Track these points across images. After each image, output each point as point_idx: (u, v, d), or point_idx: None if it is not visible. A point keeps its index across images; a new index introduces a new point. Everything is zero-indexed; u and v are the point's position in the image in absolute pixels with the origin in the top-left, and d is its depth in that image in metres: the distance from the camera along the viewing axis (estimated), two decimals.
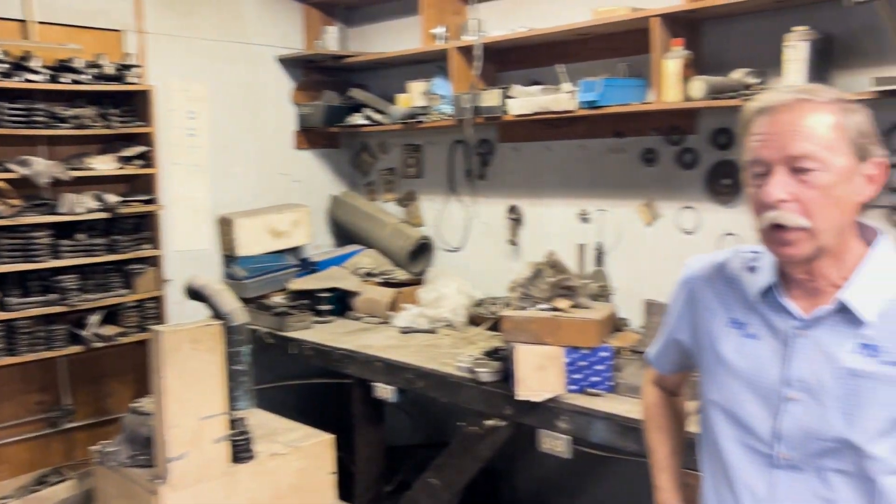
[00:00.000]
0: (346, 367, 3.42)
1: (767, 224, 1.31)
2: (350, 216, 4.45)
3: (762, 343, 1.39)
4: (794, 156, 1.27)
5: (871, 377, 1.29)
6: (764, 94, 1.36)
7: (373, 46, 4.41)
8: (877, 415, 1.29)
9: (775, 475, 1.37)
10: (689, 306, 1.54)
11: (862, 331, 1.31)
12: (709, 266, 1.53)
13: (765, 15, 2.96)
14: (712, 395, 1.46)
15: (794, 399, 1.34)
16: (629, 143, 3.43)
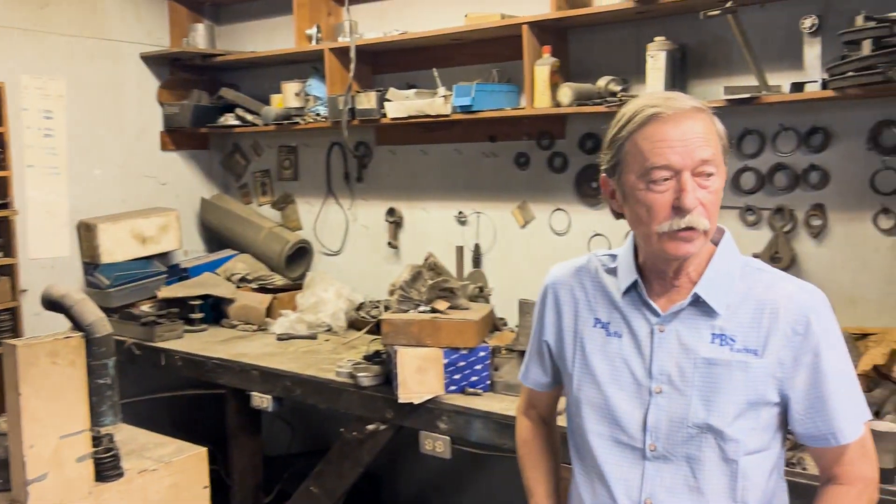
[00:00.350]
0: (221, 377, 3.31)
1: (676, 228, 1.34)
2: (222, 220, 4.31)
3: (625, 340, 1.46)
4: (704, 160, 1.33)
5: (726, 365, 1.39)
6: (654, 101, 1.38)
7: (243, 45, 4.30)
8: (733, 399, 1.39)
9: (647, 467, 1.43)
10: (554, 310, 1.59)
11: (714, 322, 1.41)
12: (569, 270, 1.59)
13: (626, 25, 3.10)
14: (582, 395, 1.51)
15: (659, 392, 1.42)
16: (503, 148, 3.51)
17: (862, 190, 2.69)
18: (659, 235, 1.36)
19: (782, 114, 2.81)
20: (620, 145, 1.40)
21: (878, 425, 1.95)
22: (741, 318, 1.41)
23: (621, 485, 1.45)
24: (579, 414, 1.51)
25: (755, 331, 1.40)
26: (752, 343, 1.39)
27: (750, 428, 1.40)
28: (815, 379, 1.39)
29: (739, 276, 1.43)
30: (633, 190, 1.39)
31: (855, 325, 2.70)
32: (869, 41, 2.31)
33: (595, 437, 1.48)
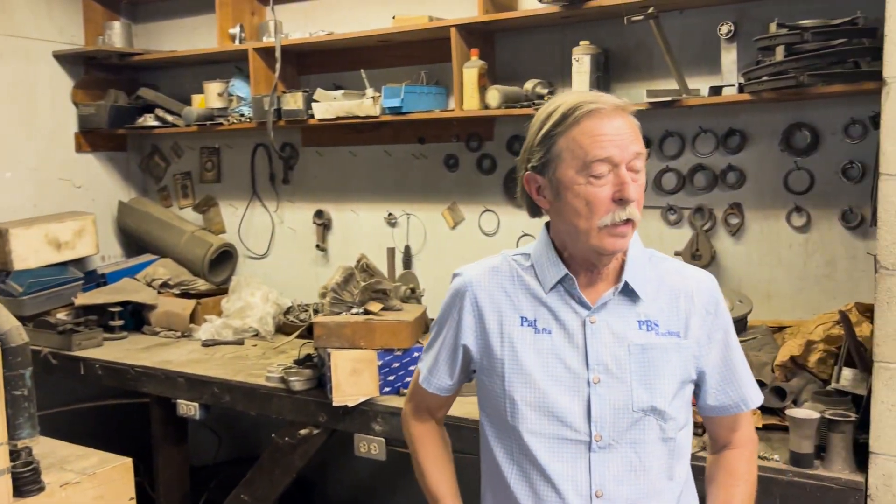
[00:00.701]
0: (144, 385, 3.21)
1: (618, 220, 1.38)
2: (142, 224, 4.18)
3: (556, 336, 1.48)
4: (637, 153, 1.40)
5: (656, 348, 1.46)
6: (587, 97, 1.41)
7: (162, 44, 4.18)
8: (670, 379, 1.47)
9: (593, 459, 1.45)
10: (473, 312, 1.55)
11: (639, 309, 1.48)
12: (484, 271, 1.57)
13: (552, 29, 3.16)
14: (517, 395, 1.47)
15: (597, 381, 1.44)
16: (432, 149, 3.53)
17: (776, 189, 2.82)
18: (598, 230, 1.40)
19: (701, 116, 2.92)
20: (554, 141, 1.42)
21: (797, 412, 2.05)
22: (661, 304, 1.49)
23: (569, 482, 1.45)
24: (515, 416, 1.48)
25: (675, 315, 1.49)
26: (674, 326, 1.48)
27: (681, 405, 1.50)
28: (725, 353, 1.53)
29: (649, 266, 1.52)
30: (571, 185, 1.40)
31: (771, 318, 2.83)
32: (782, 47, 2.43)
33: (535, 437, 1.46)
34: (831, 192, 2.73)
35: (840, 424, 2.00)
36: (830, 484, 1.99)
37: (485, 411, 1.58)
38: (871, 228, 2.61)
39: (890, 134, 1.87)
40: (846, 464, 2.00)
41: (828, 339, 2.36)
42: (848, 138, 2.67)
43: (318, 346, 2.79)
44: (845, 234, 2.72)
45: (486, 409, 1.57)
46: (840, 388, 2.17)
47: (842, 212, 2.71)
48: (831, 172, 2.72)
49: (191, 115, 3.76)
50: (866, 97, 2.51)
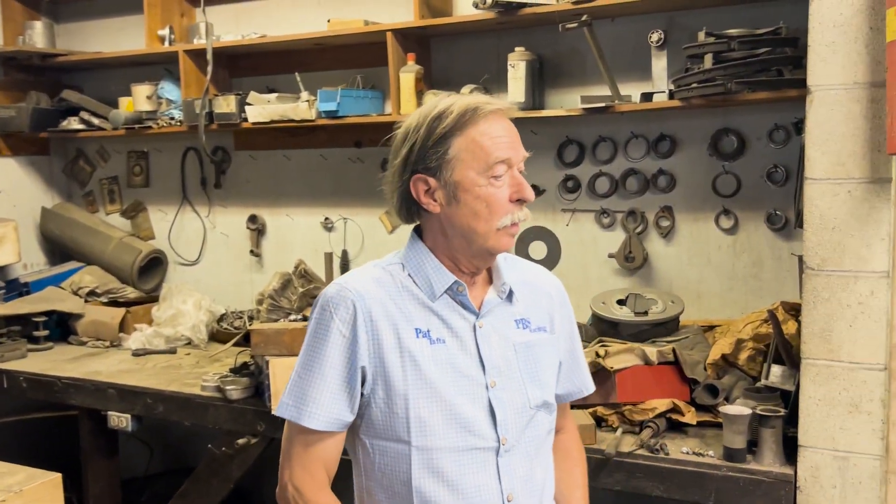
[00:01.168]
0: (73, 397, 3.10)
1: (517, 221, 1.43)
2: (66, 230, 4.04)
3: (450, 344, 1.44)
4: (525, 155, 1.44)
5: (535, 344, 1.53)
6: (480, 99, 1.41)
7: (86, 45, 4.05)
8: (550, 372, 1.56)
9: (500, 464, 1.44)
10: (367, 329, 1.41)
11: (513, 309, 1.53)
12: (370, 283, 1.45)
13: (487, 35, 3.19)
14: (424, 412, 1.39)
15: (494, 385, 1.45)
16: (369, 153, 3.51)
17: (705, 193, 2.91)
18: (497, 231, 1.40)
19: (633, 122, 2.99)
20: (450, 143, 1.38)
21: (729, 409, 2.12)
22: (527, 302, 1.56)
23: (481, 493, 1.42)
24: (422, 433, 1.39)
25: (540, 311, 1.57)
26: (541, 322, 1.56)
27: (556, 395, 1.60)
28: (572, 343, 1.64)
29: (508, 267, 1.56)
30: (472, 186, 1.38)
31: (702, 317, 2.91)
32: (710, 55, 2.51)
33: (443, 452, 1.40)
34: (757, 196, 2.83)
35: (770, 420, 2.07)
36: (762, 477, 2.06)
37: (370, 436, 1.43)
38: (795, 230, 2.72)
39: (814, 140, 1.96)
40: (776, 457, 2.08)
41: (756, 337, 2.45)
42: (772, 143, 2.78)
43: (255, 354, 2.74)
44: (771, 235, 2.82)
45: (371, 434, 1.43)
46: (769, 385, 2.25)
47: (767, 214, 2.81)
48: (757, 176, 2.82)
49: (118, 118, 3.65)
50: (789, 104, 2.62)
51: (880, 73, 1.86)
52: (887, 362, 1.92)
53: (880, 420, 1.94)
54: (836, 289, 1.97)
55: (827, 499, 2.01)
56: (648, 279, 3.03)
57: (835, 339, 1.97)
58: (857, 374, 1.96)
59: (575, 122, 3.06)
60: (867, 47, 1.88)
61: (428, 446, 1.40)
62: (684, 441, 2.25)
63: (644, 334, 2.65)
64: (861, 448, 1.97)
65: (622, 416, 2.35)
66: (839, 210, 1.94)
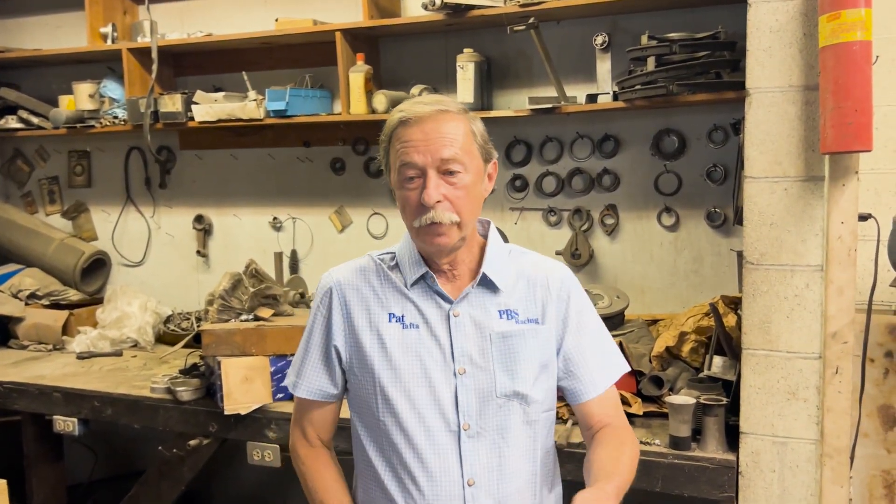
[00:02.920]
0: (16, 402, 3.02)
1: (425, 223, 1.47)
2: (4, 232, 3.92)
3: (423, 330, 1.54)
4: (444, 159, 1.46)
5: (516, 335, 1.55)
6: (405, 106, 1.52)
7: (22, 42, 3.95)
8: (530, 364, 1.55)
9: (463, 448, 1.51)
10: (342, 311, 1.58)
11: (499, 300, 1.57)
12: (350, 271, 1.62)
13: (436, 36, 3.23)
14: (390, 391, 1.52)
15: (463, 372, 1.52)
16: (317, 153, 3.51)
17: (648, 191, 3.01)
18: (416, 230, 1.50)
19: (579, 123, 3.06)
20: (386, 148, 1.55)
21: (674, 399, 2.20)
22: (518, 294, 1.58)
23: (443, 473, 1.50)
24: (389, 412, 1.52)
25: (533, 303, 1.58)
26: (532, 314, 1.58)
27: (546, 388, 1.59)
28: (579, 337, 1.61)
29: (508, 260, 1.61)
30: (396, 189, 1.53)
31: (646, 312, 3.01)
32: (653, 58, 2.59)
33: (408, 431, 1.51)
34: (697, 194, 2.93)
35: (713, 408, 2.16)
36: (706, 464, 2.15)
37: (355, 410, 1.61)
38: (733, 227, 2.83)
39: (752, 140, 2.05)
40: (719, 444, 2.17)
41: (698, 329, 2.54)
42: (711, 143, 2.88)
43: (206, 355, 2.72)
44: (710, 232, 2.93)
45: (356, 407, 1.61)
46: (712, 375, 2.34)
47: (707, 212, 2.92)
48: (697, 175, 2.92)
49: (59, 116, 3.57)
50: (728, 105, 2.73)
51: (813, 77, 1.96)
52: (821, 351, 2.02)
53: (815, 406, 2.05)
54: (774, 282, 2.06)
55: (767, 482, 2.11)
56: (594, 275, 3.11)
57: (773, 329, 2.07)
58: (794, 363, 2.06)
59: (522, 123, 3.12)
60: (801, 52, 1.98)
61: (395, 424, 1.53)
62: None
63: None
64: (798, 433, 2.07)
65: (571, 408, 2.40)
66: (776, 207, 2.04)
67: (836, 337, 1.97)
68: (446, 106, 1.50)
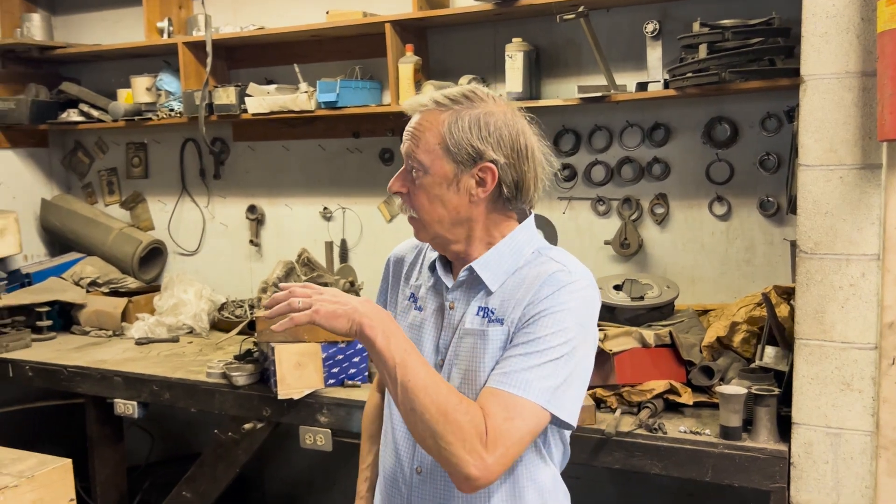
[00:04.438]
0: (79, 385, 3.14)
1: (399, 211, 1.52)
2: (66, 221, 4.06)
3: (425, 314, 1.56)
4: (405, 153, 1.48)
5: (476, 335, 1.45)
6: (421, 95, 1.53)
7: (82, 37, 4.07)
8: (485, 367, 1.43)
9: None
10: (387, 280, 1.70)
11: (487, 298, 1.48)
12: (408, 246, 1.69)
13: (484, 26, 3.23)
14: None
15: (441, 364, 1.51)
16: (366, 143, 3.56)
17: (699, 180, 2.98)
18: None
19: (628, 111, 3.04)
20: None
21: (725, 389, 2.19)
22: (505, 293, 1.47)
23: (404, 453, 1.54)
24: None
25: (508, 302, 1.45)
26: (501, 313, 1.45)
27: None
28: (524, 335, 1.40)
29: (529, 259, 1.49)
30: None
31: (696, 302, 2.99)
32: (705, 45, 2.57)
33: (392, 405, 1.57)
34: (749, 182, 2.90)
35: (765, 399, 2.14)
36: (757, 454, 2.13)
37: None
38: (786, 216, 2.79)
39: (807, 128, 2.02)
40: (771, 435, 2.15)
41: (750, 320, 2.52)
42: (764, 131, 2.84)
43: (260, 341, 2.79)
44: (763, 221, 2.89)
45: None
46: (763, 366, 2.32)
47: (759, 200, 2.88)
48: (749, 163, 2.89)
49: (118, 109, 3.68)
50: (781, 93, 2.68)
51: (871, 63, 1.92)
52: (877, 341, 1.99)
53: (871, 397, 2.02)
54: (828, 271, 2.03)
55: (820, 474, 2.08)
56: (644, 265, 3.10)
57: (827, 319, 2.04)
58: (848, 353, 2.03)
59: (571, 112, 3.12)
60: (858, 37, 1.94)
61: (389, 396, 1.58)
62: (681, 421, 2.32)
63: (640, 318, 2.72)
64: (852, 424, 2.04)
65: (621, 398, 2.41)
66: (832, 195, 2.01)
67: (892, 327, 1.94)
68: (438, 100, 1.44)
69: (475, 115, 1.43)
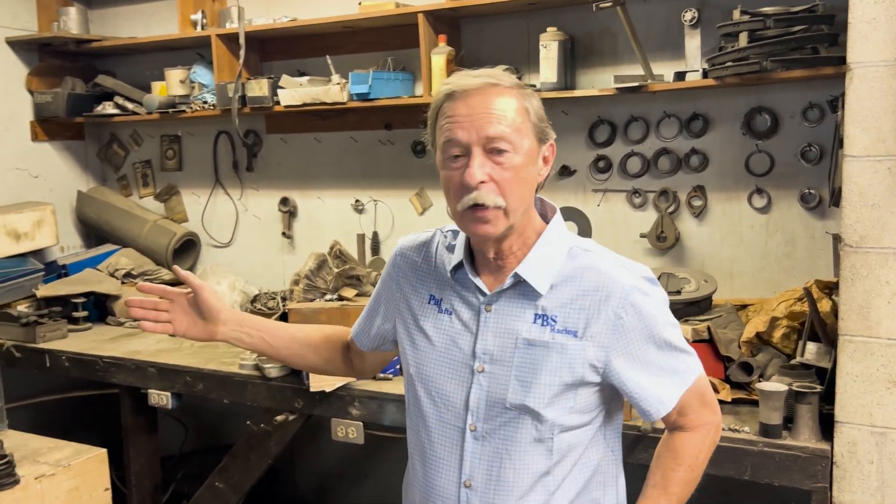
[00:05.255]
0: (114, 376, 3.17)
1: (466, 205, 1.35)
2: (102, 213, 4.11)
3: (455, 318, 1.47)
4: (490, 137, 1.33)
5: (544, 346, 1.39)
6: (453, 79, 1.40)
7: (118, 30, 4.10)
8: (550, 381, 1.39)
9: (466, 448, 1.44)
10: (394, 280, 1.59)
11: (538, 302, 1.41)
12: (414, 243, 1.60)
13: (518, 16, 3.19)
14: (414, 371, 1.50)
15: (481, 371, 1.43)
16: (399, 135, 3.54)
17: (738, 172, 2.91)
18: (460, 214, 1.38)
19: (665, 101, 2.98)
20: (432, 126, 1.42)
21: (765, 385, 2.13)
22: (563, 298, 1.41)
23: (445, 466, 1.45)
24: (413, 392, 1.50)
25: (577, 312, 1.40)
26: (571, 324, 1.39)
27: (567, 408, 1.41)
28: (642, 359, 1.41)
29: (567, 257, 1.43)
30: (439, 169, 1.41)
31: (734, 296, 2.92)
32: (745, 34, 2.50)
33: (426, 416, 1.47)
34: (790, 174, 2.82)
35: (807, 396, 2.09)
36: (798, 453, 2.08)
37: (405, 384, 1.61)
38: (829, 209, 2.71)
39: (853, 117, 1.95)
40: (813, 433, 2.10)
41: (790, 315, 2.45)
42: (806, 122, 2.77)
43: None
44: (804, 214, 2.82)
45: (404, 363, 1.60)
46: (805, 362, 2.26)
47: (801, 193, 2.81)
48: (790, 155, 2.81)
49: (152, 102, 3.70)
50: (824, 82, 2.61)
51: None
52: None
53: None
54: (874, 266, 1.97)
55: (864, 474, 2.02)
56: (680, 259, 3.04)
57: (873, 315, 1.98)
58: (895, 350, 1.96)
59: (606, 102, 3.07)
60: None
61: (417, 403, 1.52)
62: None
63: (677, 313, 2.62)
64: None
65: None
66: (879, 187, 1.94)
67: None
68: (497, 79, 1.36)
69: (531, 93, 1.41)
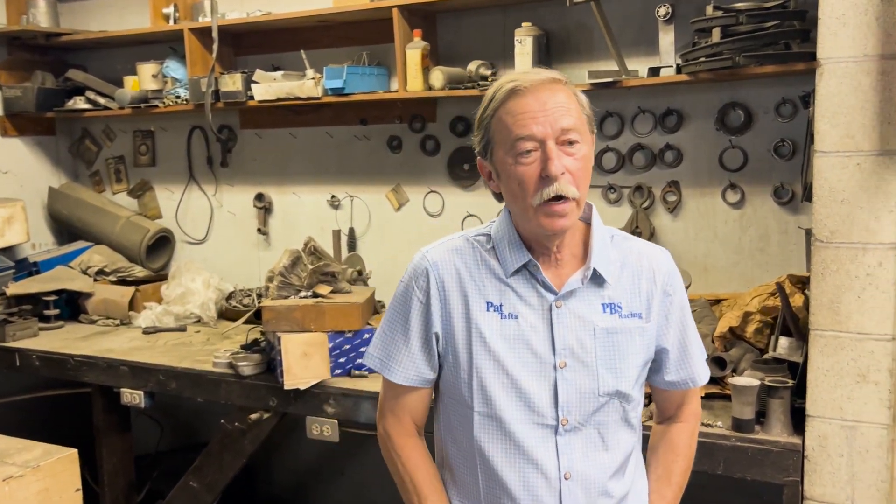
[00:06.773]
0: (86, 375, 3.13)
1: (547, 198, 1.37)
2: (74, 210, 4.05)
3: (522, 321, 1.45)
4: (564, 128, 1.37)
5: (624, 332, 1.47)
6: (514, 76, 1.43)
7: (89, 24, 4.04)
8: (634, 363, 1.49)
9: (559, 442, 1.45)
10: (439, 296, 1.50)
11: (603, 292, 1.47)
12: (448, 253, 1.52)
13: (493, 11, 3.18)
14: (488, 382, 1.46)
15: (563, 366, 1.44)
16: (375, 131, 3.52)
17: (712, 167, 2.92)
18: (535, 209, 1.39)
19: (640, 97, 2.99)
20: (488, 124, 1.44)
21: (738, 381, 2.15)
22: (623, 285, 1.49)
23: (539, 466, 1.46)
24: (490, 402, 1.46)
25: (637, 296, 1.49)
26: (636, 308, 1.49)
27: (641, 384, 1.54)
28: (682, 333, 1.56)
29: (612, 246, 1.51)
30: (504, 166, 1.42)
31: (708, 291, 2.93)
32: (718, 29, 2.50)
33: (506, 422, 1.46)
34: (764, 169, 2.84)
35: (779, 390, 2.10)
36: (770, 447, 2.09)
37: (445, 394, 1.55)
38: (801, 204, 2.73)
39: (823, 113, 1.97)
40: (784, 427, 2.11)
41: (764, 310, 2.47)
42: (779, 117, 2.78)
43: (267, 331, 2.77)
44: (777, 209, 2.83)
45: (446, 392, 1.54)
46: (777, 357, 2.27)
47: (774, 188, 2.82)
48: (764, 150, 2.83)
49: (125, 97, 3.65)
50: (797, 77, 2.62)
51: (891, 46, 1.87)
52: (894, 332, 1.94)
53: (888, 389, 1.97)
54: (844, 260, 1.98)
55: (834, 467, 2.04)
56: None
57: (843, 310, 2.00)
58: (864, 344, 1.98)
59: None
60: (878, 19, 1.88)
61: (489, 414, 1.47)
62: None
63: None
64: (868, 417, 2.00)
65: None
66: (848, 182, 1.96)
67: None
68: (556, 74, 1.42)
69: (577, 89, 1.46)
